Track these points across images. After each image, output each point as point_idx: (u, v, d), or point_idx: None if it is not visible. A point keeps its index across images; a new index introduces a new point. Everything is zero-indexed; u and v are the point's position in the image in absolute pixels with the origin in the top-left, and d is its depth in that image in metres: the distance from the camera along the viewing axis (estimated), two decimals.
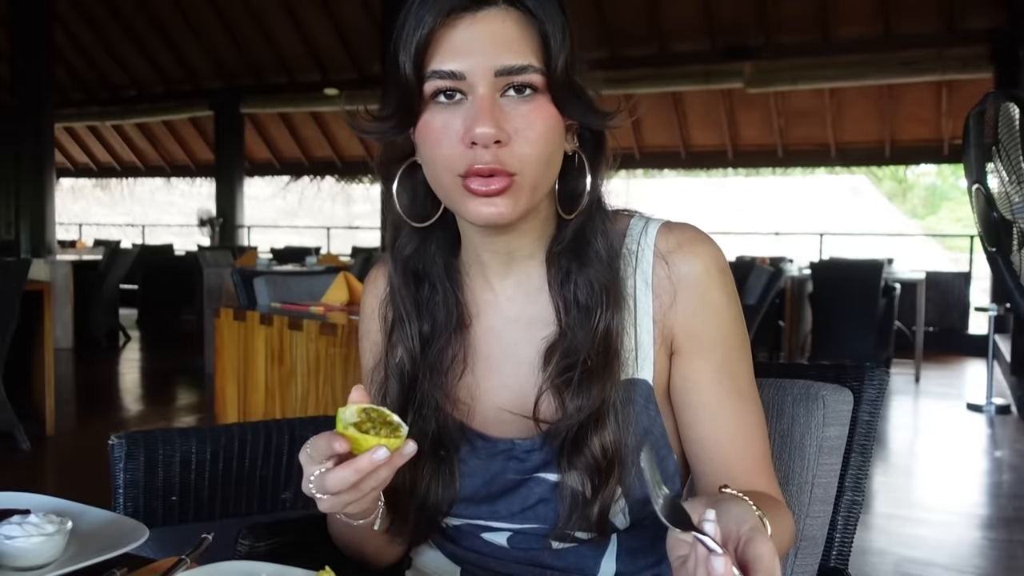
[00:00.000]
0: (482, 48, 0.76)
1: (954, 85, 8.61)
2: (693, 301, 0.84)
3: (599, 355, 0.81)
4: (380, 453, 0.69)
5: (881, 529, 3.36)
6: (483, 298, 0.90)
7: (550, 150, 0.79)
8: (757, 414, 0.86)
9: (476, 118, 0.75)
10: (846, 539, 1.02)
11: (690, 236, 0.85)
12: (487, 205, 0.77)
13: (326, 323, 3.15)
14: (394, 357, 0.89)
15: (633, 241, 0.86)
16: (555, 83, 0.77)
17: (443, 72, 0.77)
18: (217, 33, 11.06)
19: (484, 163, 0.76)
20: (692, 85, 9.34)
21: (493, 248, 0.87)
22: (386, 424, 0.72)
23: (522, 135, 0.77)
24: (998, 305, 6.01)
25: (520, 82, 0.77)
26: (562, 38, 0.77)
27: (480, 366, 0.89)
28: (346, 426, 0.70)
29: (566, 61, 0.77)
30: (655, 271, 0.85)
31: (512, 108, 0.77)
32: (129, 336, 8.36)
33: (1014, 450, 4.79)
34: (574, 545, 0.85)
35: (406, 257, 0.89)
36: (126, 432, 1.19)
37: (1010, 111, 2.00)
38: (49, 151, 9.02)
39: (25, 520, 0.82)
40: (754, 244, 11.63)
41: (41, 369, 4.33)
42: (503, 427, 0.86)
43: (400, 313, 0.89)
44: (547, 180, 0.81)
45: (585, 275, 0.83)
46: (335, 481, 0.70)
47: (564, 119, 0.80)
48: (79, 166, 15.31)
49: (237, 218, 11.94)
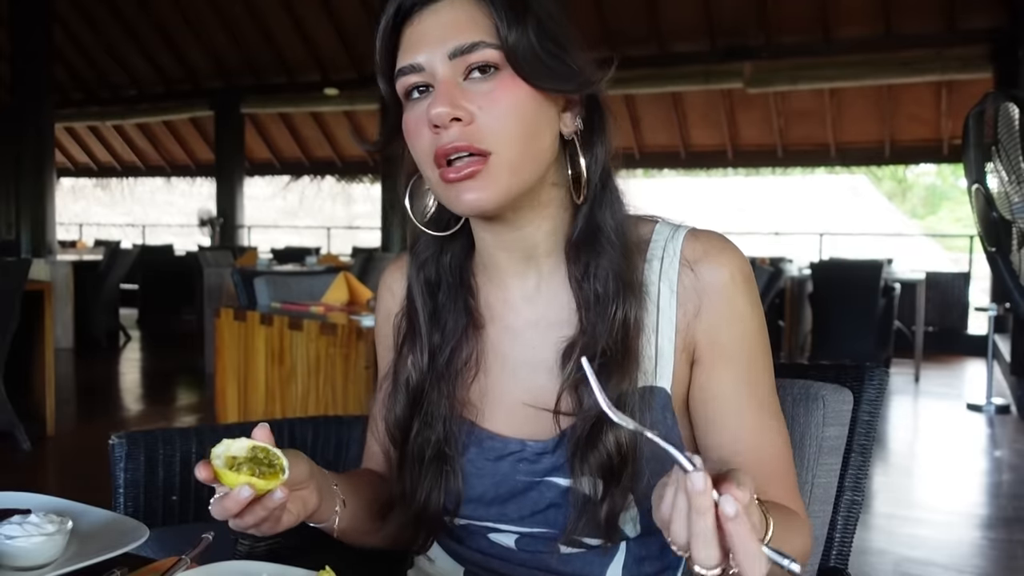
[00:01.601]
0: (437, 36, 0.77)
1: (954, 85, 8.61)
2: (717, 309, 0.83)
3: (617, 345, 0.80)
4: (244, 492, 0.71)
5: (881, 529, 3.36)
6: (499, 300, 0.89)
7: (526, 125, 0.78)
8: (778, 428, 0.85)
9: (432, 101, 0.76)
10: (846, 539, 1.02)
11: (717, 244, 0.85)
12: (466, 191, 0.77)
13: (326, 323, 3.15)
14: (405, 368, 0.89)
15: (659, 247, 0.85)
16: (514, 55, 0.76)
17: (405, 68, 0.79)
18: (217, 33, 11.06)
19: (448, 142, 0.76)
20: (692, 85, 9.34)
21: (508, 247, 0.86)
22: (270, 466, 0.74)
23: (486, 111, 0.76)
24: (998, 305, 6.01)
25: (477, 61, 0.77)
26: (514, 14, 0.76)
27: (495, 368, 0.88)
28: (215, 456, 0.74)
29: (526, 30, 0.76)
30: (681, 279, 0.84)
31: (475, 88, 0.77)
32: (129, 336, 8.36)
33: (1014, 450, 4.78)
34: (582, 551, 0.84)
35: (422, 264, 0.90)
36: (126, 432, 1.19)
37: (1010, 111, 2.00)
38: (49, 151, 9.01)
39: (25, 520, 0.82)
40: (754, 244, 11.64)
41: (41, 369, 4.33)
42: (514, 428, 0.86)
43: (413, 323, 0.89)
44: (532, 159, 0.79)
45: (601, 266, 0.82)
46: (218, 509, 0.74)
47: (540, 92, 0.78)
48: (79, 166, 15.31)
49: (237, 218, 11.94)
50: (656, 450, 0.66)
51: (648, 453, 0.80)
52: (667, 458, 0.60)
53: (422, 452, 0.86)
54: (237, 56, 11.30)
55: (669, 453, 0.60)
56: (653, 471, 0.80)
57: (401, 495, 0.88)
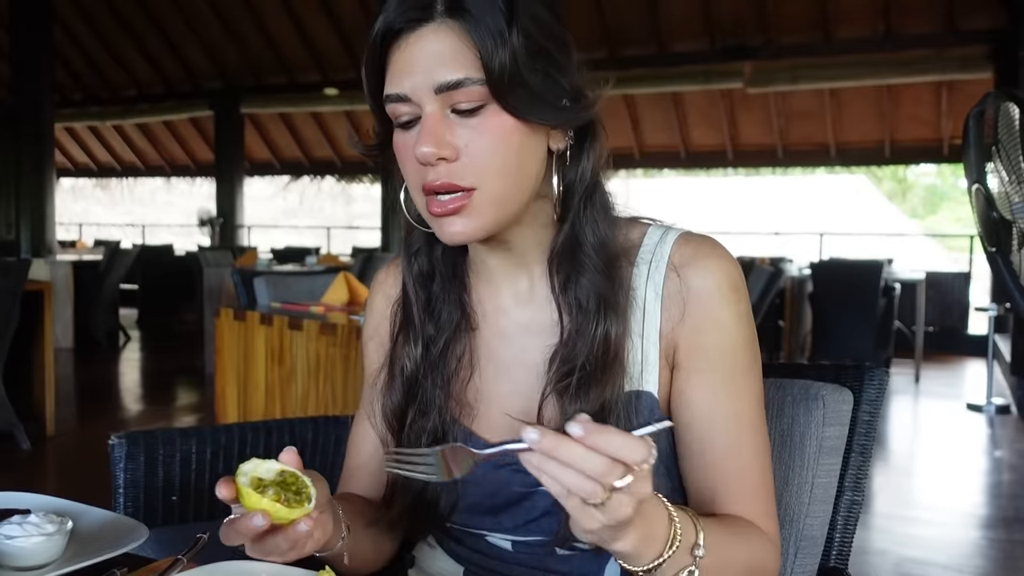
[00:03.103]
0: (422, 67, 0.75)
1: (954, 85, 8.61)
2: (698, 316, 0.82)
3: (597, 361, 0.79)
4: (257, 521, 0.68)
5: (881, 529, 3.36)
6: (492, 302, 0.89)
7: (512, 159, 0.76)
8: (756, 443, 0.83)
9: (418, 138, 0.75)
10: (846, 539, 1.02)
11: (706, 249, 0.83)
12: (450, 224, 0.77)
13: (326, 323, 3.15)
14: (400, 357, 0.89)
15: (648, 251, 0.84)
16: (500, 90, 0.73)
17: (392, 96, 0.77)
18: (217, 33, 11.05)
19: (435, 179, 0.76)
20: (692, 85, 9.33)
21: (498, 255, 0.86)
22: (296, 493, 0.71)
23: (473, 148, 0.75)
24: (998, 305, 6.01)
25: (462, 99, 0.74)
26: (500, 41, 0.72)
27: (489, 371, 0.88)
28: (242, 474, 0.70)
29: (510, 63, 0.73)
30: (666, 283, 0.83)
31: (461, 122, 0.76)
32: (129, 336, 8.36)
33: (1014, 450, 4.78)
34: (578, 552, 0.85)
35: (416, 256, 0.89)
36: (126, 432, 1.19)
37: (1010, 111, 2.00)
38: (49, 151, 9.01)
39: (25, 520, 0.82)
40: (754, 244, 11.63)
41: (41, 369, 4.33)
42: (511, 436, 0.85)
43: (409, 313, 0.89)
44: (518, 190, 0.78)
45: (581, 283, 0.81)
46: (229, 532, 0.70)
47: (526, 123, 0.76)
48: (79, 166, 15.30)
49: (237, 218, 11.94)
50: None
51: None
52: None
53: (418, 441, 0.86)
54: (237, 56, 11.29)
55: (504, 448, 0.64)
56: None
57: (397, 482, 0.88)
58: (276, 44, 10.88)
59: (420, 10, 0.75)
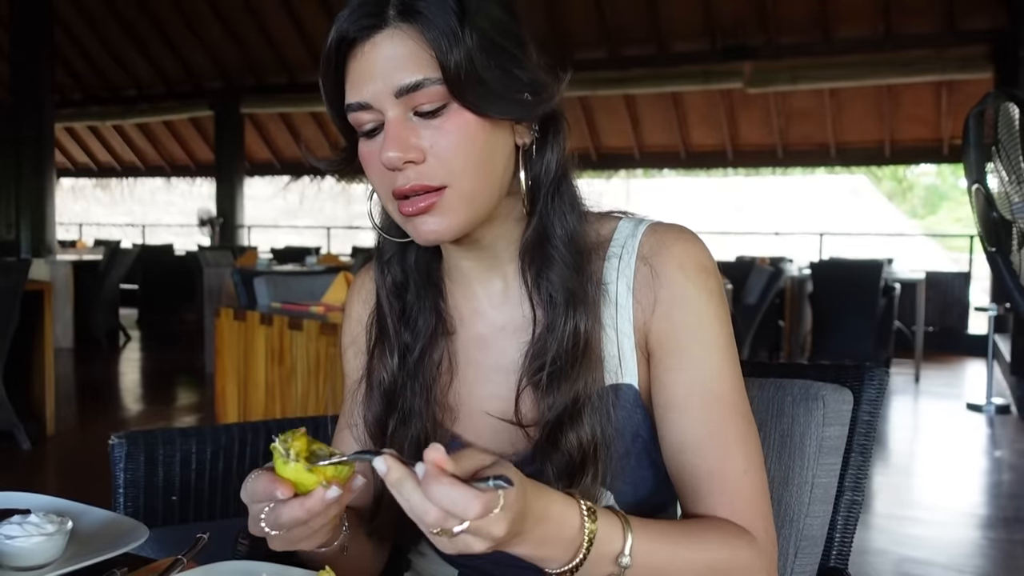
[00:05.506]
0: (380, 73, 0.75)
1: (954, 85, 8.61)
2: (667, 300, 0.81)
3: (568, 354, 0.79)
4: (332, 492, 0.67)
5: (881, 529, 3.36)
6: (468, 306, 0.89)
7: (478, 156, 0.77)
8: (738, 426, 0.80)
9: (383, 144, 0.76)
10: (846, 539, 1.02)
11: (672, 235, 0.83)
12: (422, 223, 0.77)
13: (326, 323, 3.15)
14: (376, 370, 0.89)
15: (619, 245, 0.84)
16: (458, 87, 0.74)
17: (353, 105, 0.78)
18: (217, 33, 11.05)
19: (404, 183, 0.76)
20: (692, 85, 9.33)
21: (471, 256, 0.86)
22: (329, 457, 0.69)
23: (438, 148, 0.75)
24: (998, 305, 6.01)
25: (423, 101, 0.75)
26: (454, 40, 0.73)
27: (469, 374, 0.88)
28: (286, 461, 0.67)
29: (466, 61, 0.73)
30: (637, 275, 0.83)
31: (424, 124, 0.76)
32: (129, 336, 8.36)
33: (1014, 450, 4.78)
34: None
35: (388, 266, 0.89)
36: (126, 432, 1.19)
37: (1010, 111, 2.00)
38: (49, 151, 9.01)
39: (25, 520, 0.82)
40: (754, 244, 11.63)
41: (41, 369, 4.33)
42: (494, 440, 0.85)
43: (383, 325, 0.89)
44: (487, 186, 0.78)
45: (551, 277, 0.81)
46: (287, 518, 0.68)
47: (488, 119, 0.76)
48: (79, 166, 15.30)
49: (237, 218, 11.94)
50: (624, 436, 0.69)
51: (623, 449, 0.81)
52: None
53: (401, 449, 0.86)
54: (237, 56, 11.29)
55: (364, 457, 0.63)
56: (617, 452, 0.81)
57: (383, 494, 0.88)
58: (276, 44, 10.88)
59: (373, 17, 0.75)
